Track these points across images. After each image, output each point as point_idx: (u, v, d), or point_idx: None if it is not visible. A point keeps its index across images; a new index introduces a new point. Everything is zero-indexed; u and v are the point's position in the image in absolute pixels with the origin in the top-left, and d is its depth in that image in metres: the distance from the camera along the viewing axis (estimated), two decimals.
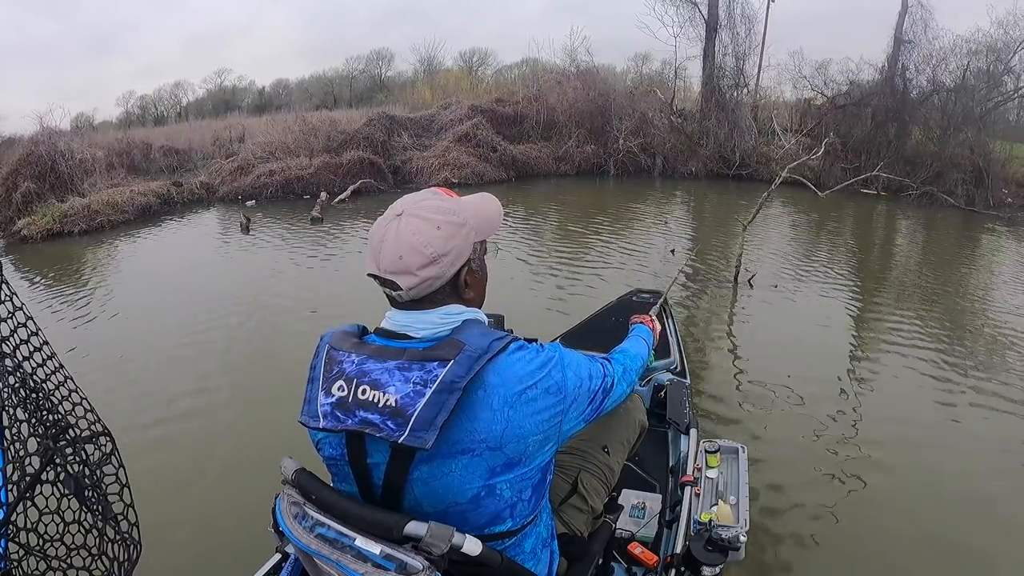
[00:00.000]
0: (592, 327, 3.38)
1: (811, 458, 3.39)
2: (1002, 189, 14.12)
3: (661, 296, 3.41)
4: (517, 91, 16.64)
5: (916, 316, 5.87)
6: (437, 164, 13.16)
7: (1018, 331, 5.43)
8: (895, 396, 4.21)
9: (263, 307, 5.84)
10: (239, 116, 22.07)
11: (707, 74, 15.55)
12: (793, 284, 6.66)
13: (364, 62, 37.10)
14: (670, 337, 3.35)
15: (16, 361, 1.41)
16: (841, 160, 14.20)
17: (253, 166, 12.48)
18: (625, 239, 8.65)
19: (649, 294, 3.78)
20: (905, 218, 12.61)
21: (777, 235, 9.59)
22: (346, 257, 7.72)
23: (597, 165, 14.86)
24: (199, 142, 15.58)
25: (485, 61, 33.60)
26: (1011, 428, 3.78)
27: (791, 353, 4.82)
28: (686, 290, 6.33)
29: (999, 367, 4.69)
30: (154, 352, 4.91)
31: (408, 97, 21.39)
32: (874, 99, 15.29)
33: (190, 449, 3.57)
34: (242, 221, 9.43)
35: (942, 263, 8.56)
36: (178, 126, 21.04)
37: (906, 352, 4.90)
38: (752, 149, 14.78)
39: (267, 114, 20.99)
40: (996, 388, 4.28)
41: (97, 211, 9.96)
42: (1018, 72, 15.08)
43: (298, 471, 1.17)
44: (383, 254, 1.11)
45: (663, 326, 3.25)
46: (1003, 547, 2.76)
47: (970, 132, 14.53)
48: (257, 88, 37.23)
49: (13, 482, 1.39)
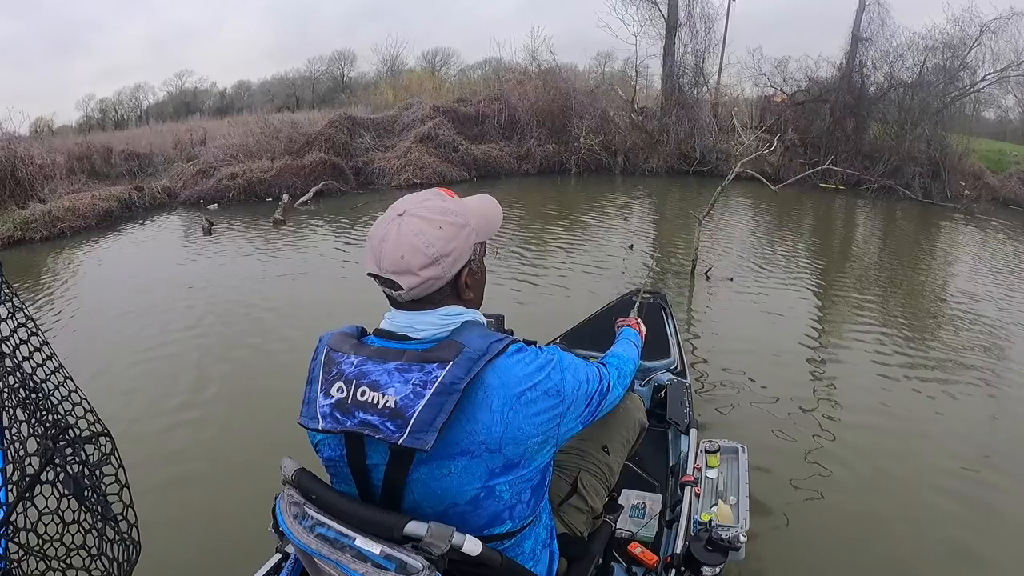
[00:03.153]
0: (593, 328, 3.43)
1: (779, 453, 3.51)
2: (959, 182, 15.00)
3: (662, 296, 3.77)
4: (479, 91, 17.34)
5: (874, 303, 6.35)
6: (399, 165, 13.69)
7: (983, 317, 6.03)
8: (863, 385, 4.47)
9: (249, 306, 6.04)
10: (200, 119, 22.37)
11: (667, 72, 16.43)
12: (750, 276, 7.11)
13: (326, 63, 37.91)
14: (670, 337, 3.49)
15: (16, 361, 1.44)
16: (800, 155, 15.09)
17: (215, 169, 12.76)
18: (586, 237, 9.13)
19: (649, 294, 3.84)
20: (864, 211, 13.39)
21: (738, 229, 10.19)
22: (310, 258, 8.09)
23: (559, 164, 15.54)
24: (160, 146, 15.81)
25: (448, 61, 34.65)
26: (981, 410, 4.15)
27: (748, 344, 5.08)
28: (647, 282, 6.58)
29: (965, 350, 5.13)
30: (139, 355, 5.00)
31: (370, 98, 21.93)
32: (832, 95, 16.17)
33: (190, 449, 3.67)
34: (204, 225, 9.70)
35: (901, 253, 9.29)
36: (139, 130, 21.23)
37: (868, 341, 5.26)
38: (712, 146, 15.64)
39: (229, 116, 21.38)
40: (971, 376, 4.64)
41: (58, 217, 10.08)
42: (974, 67, 15.93)
43: (298, 471, 1.22)
44: (384, 254, 1.15)
45: (664, 326, 3.53)
46: (1004, 547, 2.85)
47: (927, 127, 15.33)
48: (218, 90, 37.76)
49: (13, 482, 1.41)
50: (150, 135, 17.65)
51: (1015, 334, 5.66)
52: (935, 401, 4.26)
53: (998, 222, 12.52)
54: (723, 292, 6.51)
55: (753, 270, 7.43)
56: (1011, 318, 6.12)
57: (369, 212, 10.98)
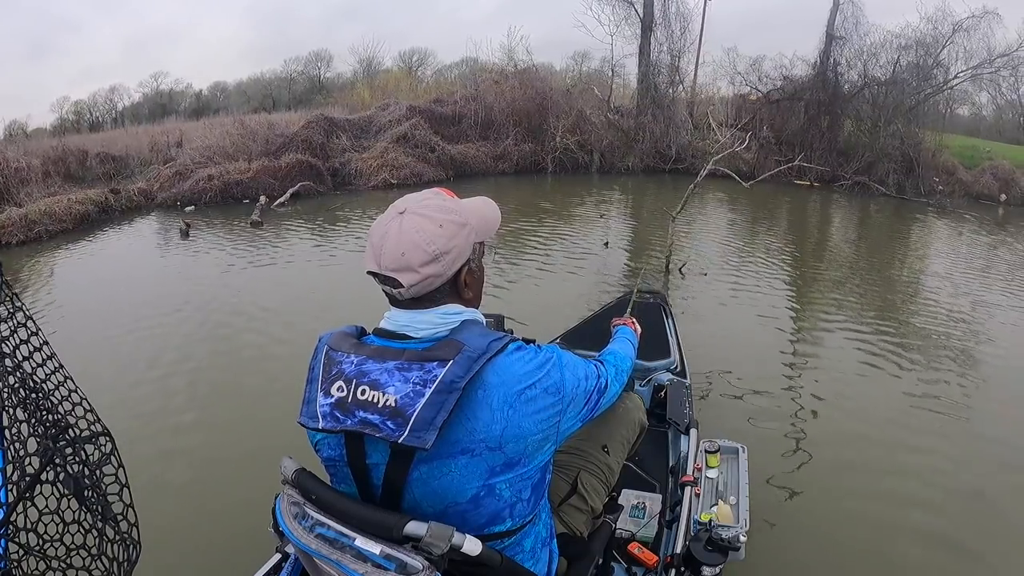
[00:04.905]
0: (592, 327, 3.46)
1: (761, 445, 3.56)
2: (933, 177, 15.60)
3: (662, 296, 3.90)
4: (456, 91, 17.68)
5: (847, 296, 6.69)
6: (376, 165, 13.94)
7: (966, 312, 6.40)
8: (840, 379, 4.62)
9: (240, 308, 6.14)
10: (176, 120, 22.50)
11: (643, 71, 16.98)
12: (727, 271, 7.40)
13: (303, 63, 38.21)
14: (670, 337, 3.56)
15: (16, 361, 1.46)
16: (775, 153, 15.60)
17: (191, 171, 12.83)
18: (562, 235, 9.42)
19: (649, 294, 3.98)
20: (838, 207, 13.93)
21: (714, 226, 10.60)
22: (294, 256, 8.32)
23: (535, 163, 15.90)
24: (136, 148, 15.86)
25: (425, 61, 35.09)
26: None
27: (722, 340, 5.25)
28: (625, 279, 6.99)
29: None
30: (133, 356, 5.08)
31: (347, 99, 22.20)
32: (807, 93, 16.75)
33: (190, 449, 3.73)
34: (181, 227, 9.82)
35: (875, 247, 9.81)
36: (114, 132, 21.34)
37: (838, 332, 5.51)
38: (688, 144, 16.19)
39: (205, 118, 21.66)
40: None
41: (35, 221, 10.13)
42: (947, 65, 16.54)
43: (298, 471, 1.24)
44: (385, 251, 1.18)
45: (663, 326, 3.62)
46: (1005, 550, 2.92)
47: (901, 124, 15.92)
48: (194, 91, 37.83)
49: (13, 482, 1.43)
50: (126, 137, 17.66)
51: (993, 325, 6.02)
52: (936, 400, 4.35)
53: (970, 215, 13.15)
54: (697, 286, 6.74)
55: (729, 265, 7.74)
56: (986, 309, 6.53)
57: (346, 212, 11.21)
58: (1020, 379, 4.84)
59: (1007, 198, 15.50)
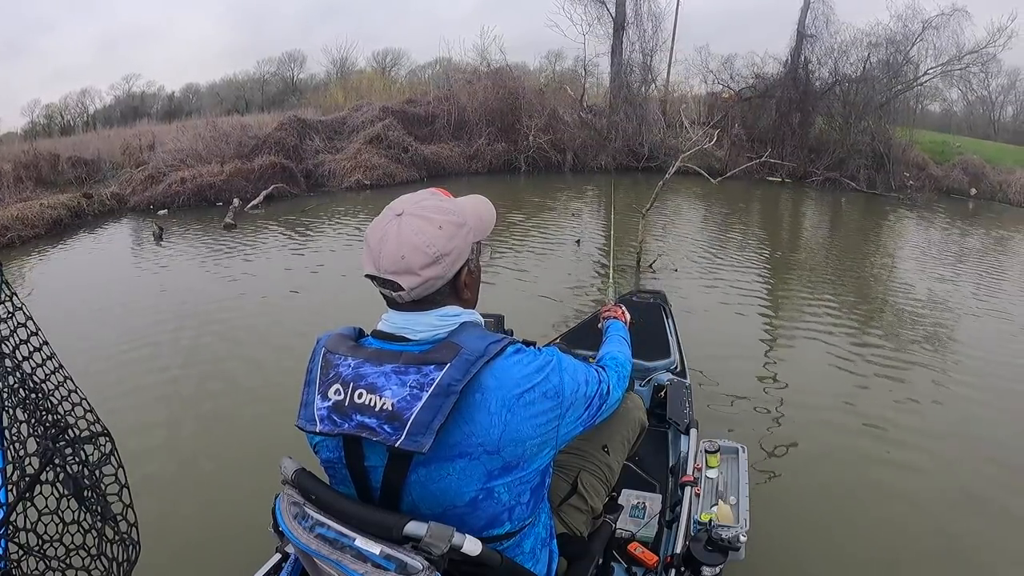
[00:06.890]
0: (592, 328, 3.34)
1: (761, 445, 3.68)
2: (903, 173, 16.28)
3: (662, 296, 3.98)
4: (429, 91, 18.15)
5: (820, 290, 6.99)
6: (349, 166, 14.26)
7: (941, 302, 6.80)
8: (841, 379, 4.73)
9: (232, 310, 6.24)
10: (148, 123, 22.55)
11: (615, 70, 17.48)
12: (698, 266, 7.66)
13: (276, 64, 38.22)
14: (670, 337, 3.59)
15: (16, 361, 1.47)
16: (747, 150, 16.12)
17: (164, 174, 12.98)
18: (534, 234, 9.68)
19: (650, 294, 4.05)
20: (810, 202, 14.53)
21: (684, 222, 11.03)
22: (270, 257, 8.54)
23: (508, 163, 16.30)
24: (108, 151, 16.00)
25: (398, 62, 35.21)
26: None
27: (701, 335, 5.35)
28: (595, 276, 7.27)
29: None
30: (125, 358, 5.14)
31: (320, 100, 22.49)
32: (778, 91, 17.33)
33: (190, 450, 3.79)
34: (155, 231, 10.01)
35: (847, 243, 10.23)
36: (86, 135, 21.35)
37: (811, 330, 5.65)
38: (660, 142, 16.70)
39: (177, 120, 21.86)
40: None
41: (7, 227, 10.26)
42: (917, 62, 17.17)
43: (298, 471, 1.26)
44: (384, 254, 1.18)
45: (663, 326, 3.68)
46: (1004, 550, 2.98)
47: (871, 120, 16.58)
48: (167, 94, 37.77)
49: (13, 482, 1.44)
50: (97, 141, 17.71)
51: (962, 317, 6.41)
52: (938, 403, 4.43)
53: (940, 208, 13.84)
54: (669, 281, 6.95)
55: (701, 261, 8.04)
56: (956, 300, 6.98)
57: (320, 214, 11.49)
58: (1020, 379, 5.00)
59: (977, 192, 16.18)
